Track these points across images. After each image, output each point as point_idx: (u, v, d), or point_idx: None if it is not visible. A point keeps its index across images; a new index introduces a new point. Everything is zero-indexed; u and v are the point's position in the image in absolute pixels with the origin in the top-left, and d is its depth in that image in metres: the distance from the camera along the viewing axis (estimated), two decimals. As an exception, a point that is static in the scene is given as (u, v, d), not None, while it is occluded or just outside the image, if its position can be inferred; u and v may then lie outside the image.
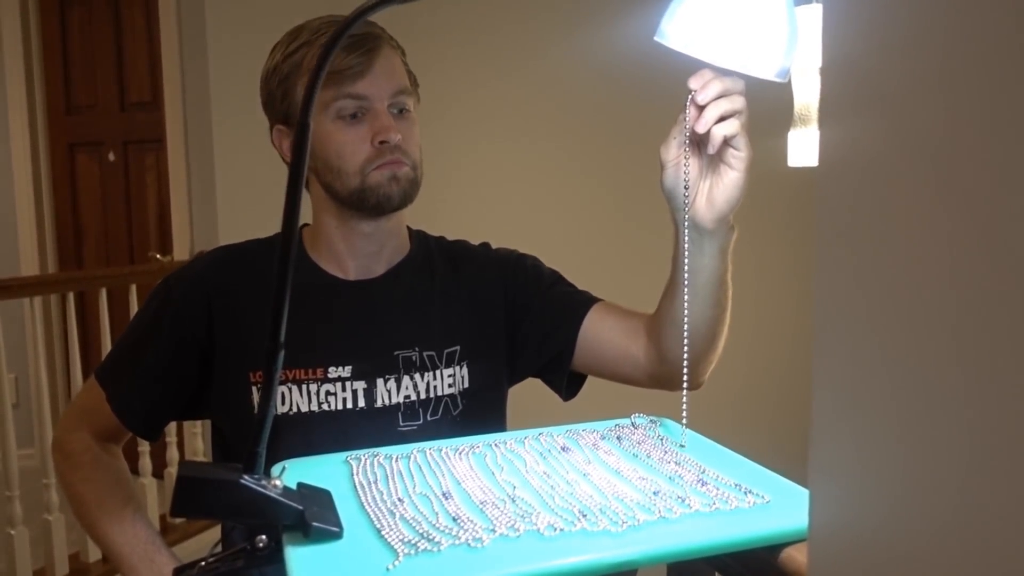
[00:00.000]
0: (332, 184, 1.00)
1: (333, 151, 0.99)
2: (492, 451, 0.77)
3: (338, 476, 0.71)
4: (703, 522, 0.61)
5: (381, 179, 0.99)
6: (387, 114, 0.99)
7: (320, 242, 1.05)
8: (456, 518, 0.61)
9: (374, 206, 1.00)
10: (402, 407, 1.00)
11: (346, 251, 1.04)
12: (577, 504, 0.63)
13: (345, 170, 0.99)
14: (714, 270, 0.91)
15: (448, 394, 1.02)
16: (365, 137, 0.98)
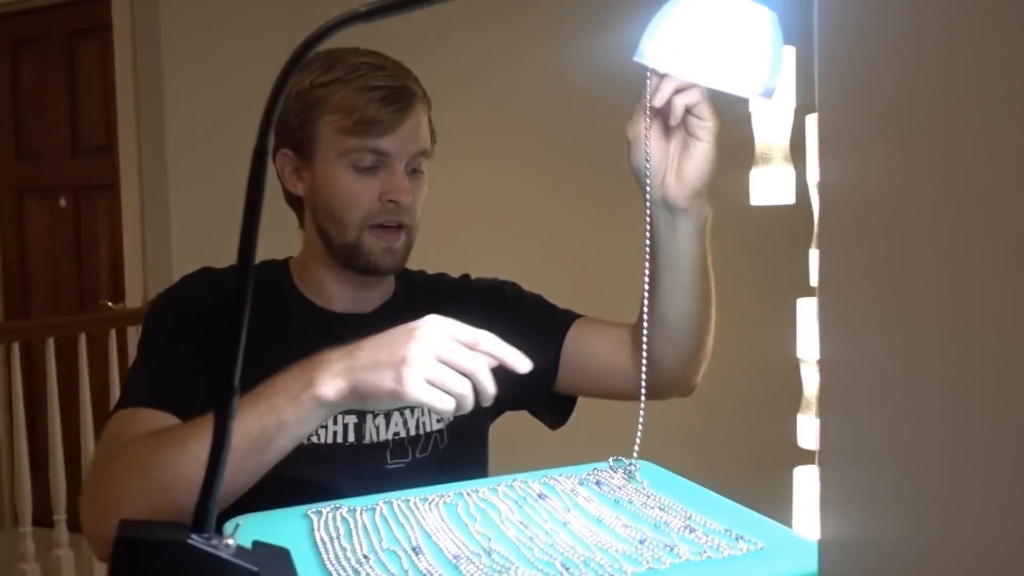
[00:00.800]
0: (328, 230, 0.97)
1: (339, 198, 0.96)
2: (464, 500, 0.72)
3: (297, 532, 0.66)
4: (695, 572, 0.56)
5: (375, 247, 0.96)
6: (403, 174, 0.96)
7: (308, 277, 1.02)
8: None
9: (362, 268, 0.98)
10: (391, 444, 0.95)
11: (336, 291, 1.01)
12: (558, 556, 0.58)
13: (346, 221, 0.96)
14: (692, 255, 0.88)
15: (436, 430, 0.98)
16: (374, 190, 0.95)
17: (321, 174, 0.97)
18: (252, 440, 0.73)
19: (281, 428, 0.73)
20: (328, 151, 0.96)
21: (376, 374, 0.71)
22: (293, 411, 0.73)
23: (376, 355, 0.72)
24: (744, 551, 0.59)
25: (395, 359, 0.71)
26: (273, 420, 0.73)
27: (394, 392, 0.70)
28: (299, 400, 0.73)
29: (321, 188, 0.97)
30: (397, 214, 0.96)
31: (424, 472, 0.93)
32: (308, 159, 0.98)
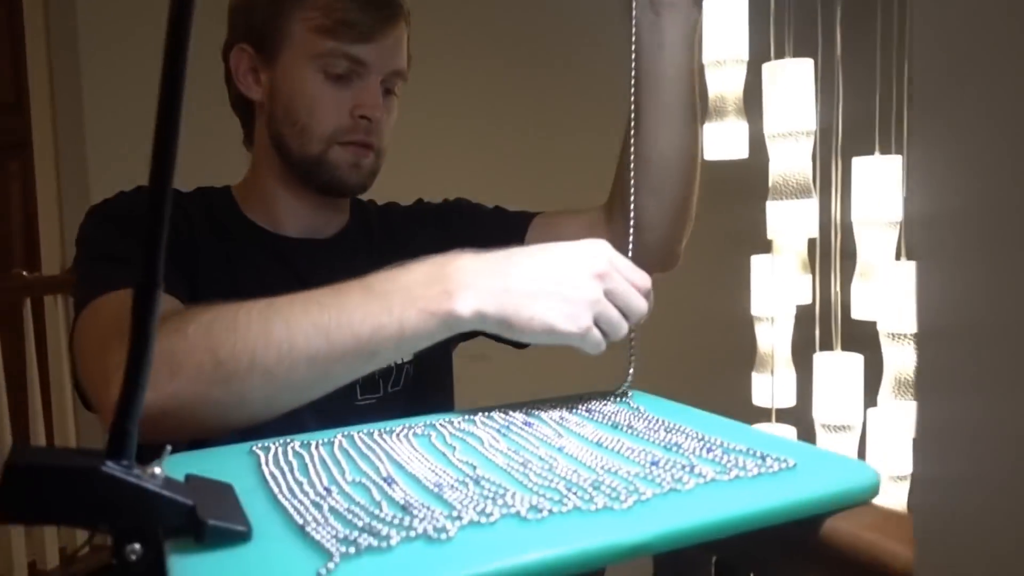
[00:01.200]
0: (287, 140, 0.86)
1: (305, 105, 0.85)
2: (437, 431, 0.62)
3: (241, 469, 0.55)
4: (728, 492, 0.48)
5: (342, 160, 0.86)
6: (378, 89, 0.86)
7: (257, 200, 0.91)
8: (406, 506, 0.46)
9: (325, 184, 0.87)
10: (360, 379, 0.85)
11: (290, 214, 0.91)
12: (560, 480, 0.49)
13: (312, 131, 0.85)
14: (679, 71, 0.82)
15: (406, 361, 0.88)
16: (345, 103, 0.85)
17: (286, 77, 0.85)
18: (359, 342, 0.61)
19: (400, 339, 0.61)
20: (298, 52, 0.84)
21: (540, 305, 0.62)
22: (419, 322, 0.61)
23: (539, 281, 0.62)
24: (775, 469, 0.50)
25: (569, 293, 0.62)
26: (392, 325, 0.61)
27: (562, 333, 0.62)
28: (428, 312, 0.61)
29: (283, 92, 0.86)
30: (368, 133, 0.86)
31: (395, 408, 0.85)
32: (271, 58, 0.86)
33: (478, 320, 0.62)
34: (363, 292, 0.61)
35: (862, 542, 0.46)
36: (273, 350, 0.60)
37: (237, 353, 0.60)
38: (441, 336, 0.63)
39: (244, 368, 0.60)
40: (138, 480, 0.42)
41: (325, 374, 0.62)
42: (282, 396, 0.62)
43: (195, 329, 0.61)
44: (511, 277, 0.62)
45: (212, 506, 0.44)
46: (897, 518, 0.47)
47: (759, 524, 0.46)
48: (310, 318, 0.61)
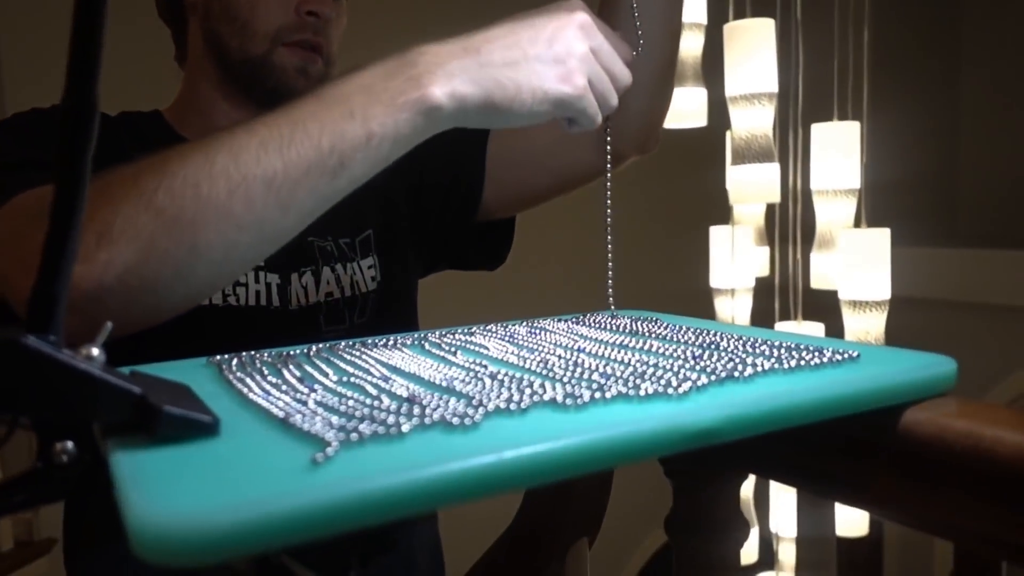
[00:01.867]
0: (227, 41, 0.76)
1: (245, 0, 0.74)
2: (431, 342, 0.53)
3: (198, 379, 0.45)
4: (792, 379, 0.40)
5: (289, 64, 0.76)
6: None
7: (194, 117, 0.80)
8: (412, 398, 0.37)
9: (269, 91, 0.76)
10: (323, 307, 0.76)
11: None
12: (594, 372, 0.41)
13: (254, 27, 0.74)
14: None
15: (372, 290, 0.80)
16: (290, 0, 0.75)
17: None
18: (320, 155, 0.50)
19: (367, 143, 0.50)
20: None
21: (526, 72, 0.53)
22: (387, 119, 0.50)
23: (519, 46, 0.53)
24: (838, 360, 0.43)
25: (556, 51, 0.54)
26: (355, 129, 0.50)
27: (558, 96, 0.54)
28: (396, 105, 0.50)
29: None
30: (316, 32, 0.76)
31: None
32: None
33: (457, 106, 0.52)
34: (316, 101, 0.51)
35: (952, 431, 0.39)
36: (221, 180, 0.48)
37: (176, 191, 0.48)
38: (416, 136, 0.52)
39: (189, 205, 0.48)
40: (70, 360, 0.33)
41: (288, 200, 0.50)
42: (242, 238, 0.50)
43: (119, 182, 0.50)
44: (485, 52, 0.53)
45: (166, 397, 0.35)
46: (988, 407, 0.40)
47: (835, 411, 0.39)
48: (257, 138, 0.50)
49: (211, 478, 0.29)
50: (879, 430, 0.42)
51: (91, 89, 0.33)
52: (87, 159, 0.33)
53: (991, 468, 0.37)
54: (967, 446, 0.38)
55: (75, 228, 0.33)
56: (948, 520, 0.40)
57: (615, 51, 0.58)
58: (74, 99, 0.33)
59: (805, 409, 0.38)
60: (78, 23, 0.33)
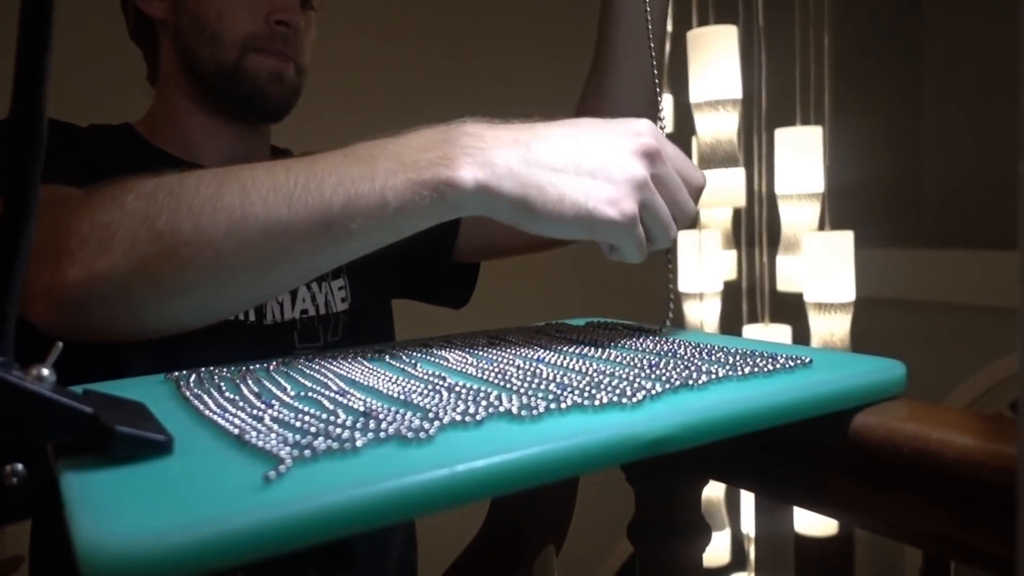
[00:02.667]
0: (197, 54, 0.75)
1: (214, 9, 0.74)
2: (391, 353, 0.53)
3: (154, 395, 0.45)
4: (746, 386, 0.41)
5: (262, 69, 0.76)
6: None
7: (167, 129, 0.79)
8: (368, 412, 0.37)
9: (245, 98, 0.76)
10: (298, 324, 0.75)
11: (207, 146, 0.79)
12: (550, 383, 0.41)
13: (223, 36, 0.74)
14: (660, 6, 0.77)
15: (342, 310, 0.80)
16: (260, 7, 0.75)
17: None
18: (328, 213, 0.46)
19: (380, 213, 0.46)
20: None
21: (573, 184, 0.47)
22: (406, 193, 0.46)
23: (576, 156, 0.48)
24: (791, 366, 0.44)
25: (612, 173, 0.47)
26: (372, 195, 0.46)
27: (601, 219, 0.47)
28: (422, 180, 0.46)
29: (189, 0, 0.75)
30: (286, 42, 0.77)
31: None
32: None
33: (486, 198, 0.47)
34: (343, 157, 0.48)
35: (902, 434, 0.40)
36: (223, 217, 0.47)
37: (179, 221, 0.47)
38: (433, 216, 0.48)
39: (185, 237, 0.47)
40: (20, 381, 0.32)
41: (284, 252, 0.48)
42: (232, 281, 0.49)
43: (134, 197, 0.49)
44: (534, 149, 0.48)
45: (119, 416, 0.34)
46: (937, 409, 0.41)
47: (786, 416, 0.39)
48: (272, 180, 0.48)
49: (163, 498, 0.29)
50: (832, 434, 0.43)
51: (38, 104, 0.33)
52: (36, 176, 0.33)
53: (938, 470, 0.38)
54: (915, 449, 0.39)
55: (23, 248, 0.33)
56: (900, 522, 0.41)
57: (685, 180, 0.52)
58: (21, 114, 0.33)
59: (757, 415, 0.39)
60: (25, 34, 0.33)
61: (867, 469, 0.41)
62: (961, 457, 0.37)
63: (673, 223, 0.51)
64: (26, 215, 0.33)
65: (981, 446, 0.37)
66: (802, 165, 1.69)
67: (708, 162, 1.57)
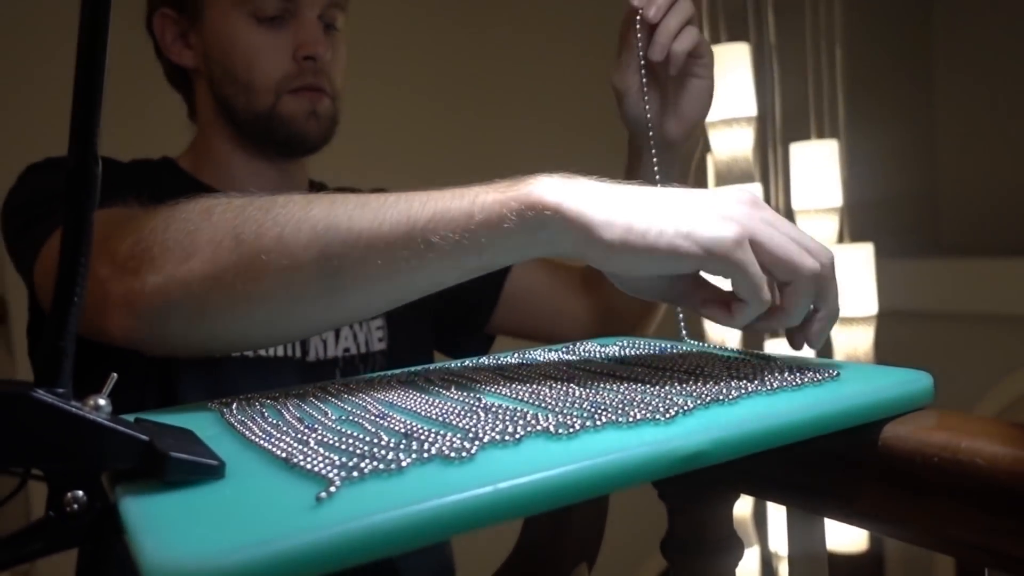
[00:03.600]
0: (233, 102, 0.78)
1: (242, 59, 0.77)
2: (424, 377, 0.54)
3: (200, 422, 0.46)
4: (776, 400, 0.42)
5: (297, 110, 0.78)
6: (316, 24, 0.79)
7: (211, 166, 0.82)
8: (409, 434, 0.38)
9: (283, 142, 0.79)
10: (340, 361, 0.78)
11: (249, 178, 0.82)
12: (584, 402, 0.42)
13: (256, 85, 0.77)
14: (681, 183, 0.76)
15: (380, 349, 0.82)
16: (286, 47, 0.77)
17: (215, 33, 0.78)
18: (412, 224, 0.45)
19: (465, 227, 0.44)
20: (221, 2, 0.77)
21: (674, 214, 0.43)
22: (495, 206, 0.44)
23: (670, 198, 0.44)
24: (819, 379, 0.45)
25: (716, 206, 0.44)
26: (460, 208, 0.45)
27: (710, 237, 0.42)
28: (509, 195, 0.44)
29: (217, 49, 0.78)
30: (317, 75, 0.78)
31: None
32: (195, 17, 0.79)
33: (573, 224, 0.43)
34: (436, 189, 0.47)
35: (931, 444, 0.40)
36: (307, 228, 0.46)
37: (263, 231, 0.47)
38: (518, 243, 0.45)
39: (267, 246, 0.47)
40: (78, 411, 0.34)
41: (361, 265, 0.46)
42: (306, 294, 0.48)
43: (223, 209, 0.50)
44: (622, 192, 0.45)
45: (172, 443, 0.36)
46: (965, 418, 0.42)
47: (816, 429, 0.40)
48: (362, 199, 0.47)
49: (220, 520, 0.31)
50: (863, 445, 0.43)
51: (92, 151, 0.35)
52: (91, 217, 0.35)
53: (969, 478, 0.38)
54: (945, 458, 0.39)
55: (80, 285, 0.35)
56: (933, 530, 0.41)
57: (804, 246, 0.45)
58: (77, 160, 0.35)
59: (788, 429, 0.39)
60: (80, 85, 0.35)
61: (898, 479, 0.42)
62: (992, 465, 0.38)
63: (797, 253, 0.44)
64: (82, 254, 0.34)
65: (1011, 453, 0.37)
66: (818, 179, 1.70)
67: (724, 179, 1.58)
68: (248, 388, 0.55)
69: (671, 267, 0.44)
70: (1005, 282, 2.80)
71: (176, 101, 0.88)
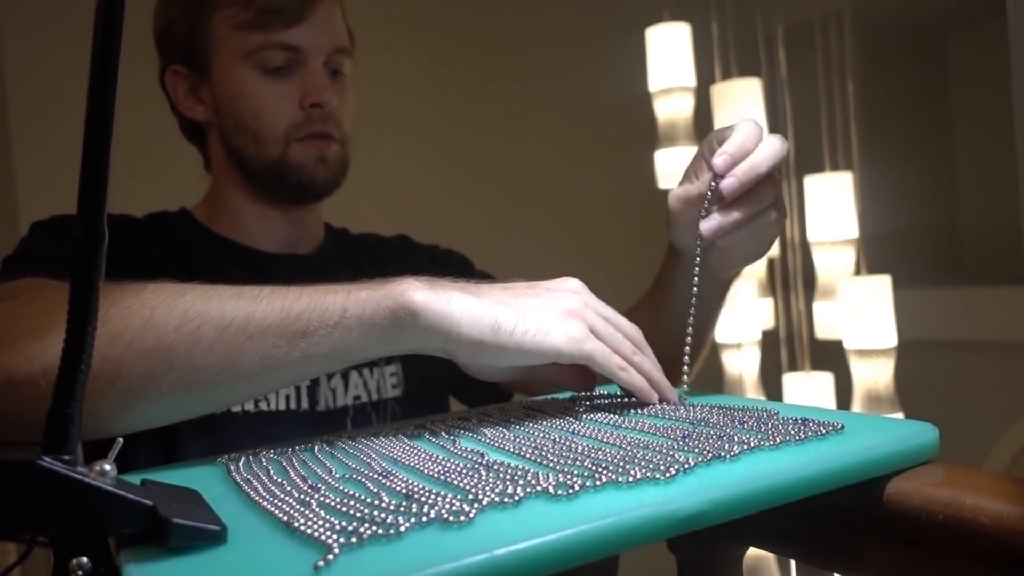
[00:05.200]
0: (243, 152, 0.79)
1: (250, 109, 0.78)
2: (430, 429, 0.54)
3: (206, 480, 0.47)
4: (779, 456, 0.42)
5: (306, 158, 0.79)
6: (322, 72, 0.80)
7: (224, 216, 0.83)
8: (411, 494, 0.39)
9: (293, 188, 0.80)
10: (351, 410, 0.78)
11: (262, 228, 0.83)
12: (585, 458, 0.42)
13: (265, 134, 0.78)
14: (714, 309, 0.77)
15: (393, 396, 0.82)
16: (292, 96, 0.79)
17: (224, 85, 0.80)
18: (285, 316, 0.48)
19: (337, 322, 0.48)
20: (228, 56, 0.79)
21: (527, 310, 0.51)
22: (369, 302, 0.48)
23: (522, 293, 0.54)
24: (823, 433, 0.45)
25: (557, 300, 0.53)
26: (334, 304, 0.49)
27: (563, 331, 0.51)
28: (381, 292, 0.49)
29: (227, 102, 0.80)
30: (324, 122, 0.80)
31: None
32: (205, 72, 0.80)
33: (442, 322, 0.49)
34: (310, 285, 0.51)
35: (936, 500, 0.40)
36: (176, 311, 0.48)
37: (132, 310, 0.48)
38: (389, 337, 0.50)
39: (132, 325, 0.47)
40: (84, 477, 0.35)
41: (233, 353, 0.48)
42: (173, 381, 0.48)
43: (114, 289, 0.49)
44: (484, 291, 0.53)
45: (176, 507, 0.36)
46: (971, 473, 0.42)
47: (819, 487, 0.40)
48: (236, 290, 0.50)
49: (218, 588, 0.31)
50: (867, 500, 0.43)
51: (99, 221, 0.36)
52: (96, 286, 0.36)
53: (974, 537, 0.38)
54: (950, 515, 0.39)
55: (87, 352, 0.35)
56: (941, 587, 0.41)
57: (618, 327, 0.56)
58: (85, 230, 0.35)
59: (790, 487, 0.39)
60: (88, 156, 0.36)
61: (904, 535, 0.42)
62: (997, 524, 0.37)
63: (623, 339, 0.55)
64: (89, 323, 0.35)
65: (1016, 512, 0.37)
66: (833, 212, 1.69)
67: (739, 212, 1.58)
68: (252, 443, 0.55)
69: (532, 360, 0.52)
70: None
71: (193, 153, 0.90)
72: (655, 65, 1.61)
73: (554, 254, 2.47)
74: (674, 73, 1.63)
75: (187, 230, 0.83)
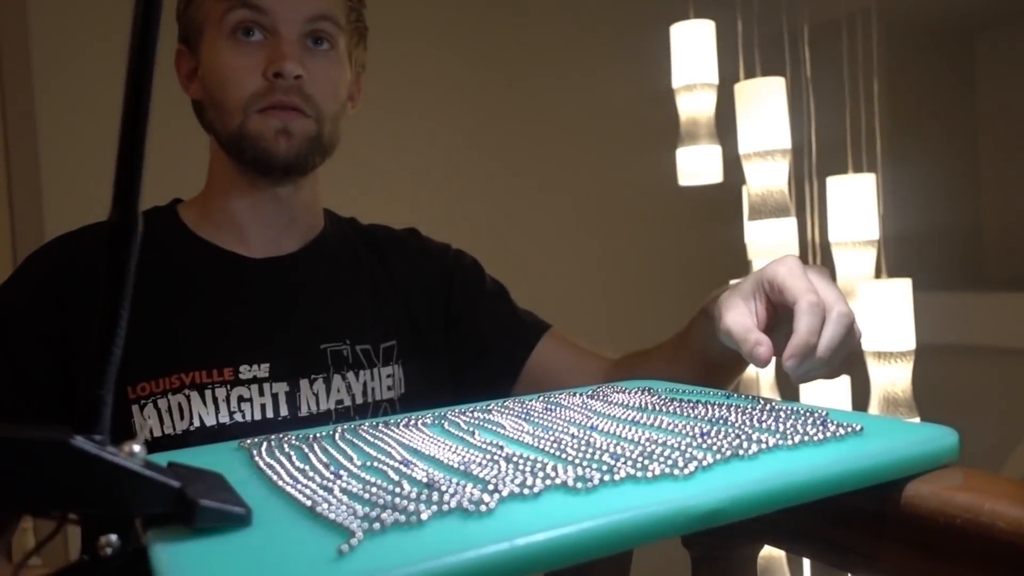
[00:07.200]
0: (214, 123, 0.78)
1: (218, 79, 0.76)
2: (450, 420, 0.55)
3: (229, 463, 0.48)
4: (797, 456, 0.42)
5: (265, 128, 0.76)
6: (293, 42, 0.76)
7: (212, 210, 0.82)
8: (431, 483, 0.39)
9: (251, 162, 0.77)
10: (334, 415, 0.77)
11: (249, 219, 0.81)
12: (604, 453, 0.43)
13: (227, 104, 0.76)
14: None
15: (387, 398, 0.80)
16: (257, 65, 0.76)
17: (207, 58, 0.78)
18: None
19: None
20: (211, 28, 0.77)
21: None
22: None
23: None
24: (842, 434, 0.45)
25: None
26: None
27: None
28: None
29: (205, 76, 0.78)
30: (288, 92, 0.75)
31: None
32: (197, 48, 0.80)
33: None
34: None
35: (954, 505, 0.40)
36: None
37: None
38: None
39: None
40: (114, 458, 0.35)
41: None
42: None
43: None
44: None
45: (203, 489, 0.37)
46: (990, 478, 0.42)
47: (837, 487, 0.40)
48: None
49: (246, 570, 0.32)
50: (885, 502, 0.43)
51: (134, 209, 0.36)
52: (130, 271, 0.36)
53: (991, 542, 0.38)
54: (967, 520, 0.39)
55: (119, 335, 0.36)
56: (957, 591, 0.41)
57: None
58: (121, 217, 0.36)
59: (807, 487, 0.39)
60: (124, 145, 0.36)
61: (920, 538, 0.42)
62: (1014, 529, 0.37)
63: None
64: (122, 307, 0.36)
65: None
66: (855, 213, 1.68)
67: (759, 212, 1.57)
68: None
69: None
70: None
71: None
72: (679, 61, 1.60)
73: (575, 249, 2.48)
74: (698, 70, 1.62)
75: (166, 232, 0.81)
